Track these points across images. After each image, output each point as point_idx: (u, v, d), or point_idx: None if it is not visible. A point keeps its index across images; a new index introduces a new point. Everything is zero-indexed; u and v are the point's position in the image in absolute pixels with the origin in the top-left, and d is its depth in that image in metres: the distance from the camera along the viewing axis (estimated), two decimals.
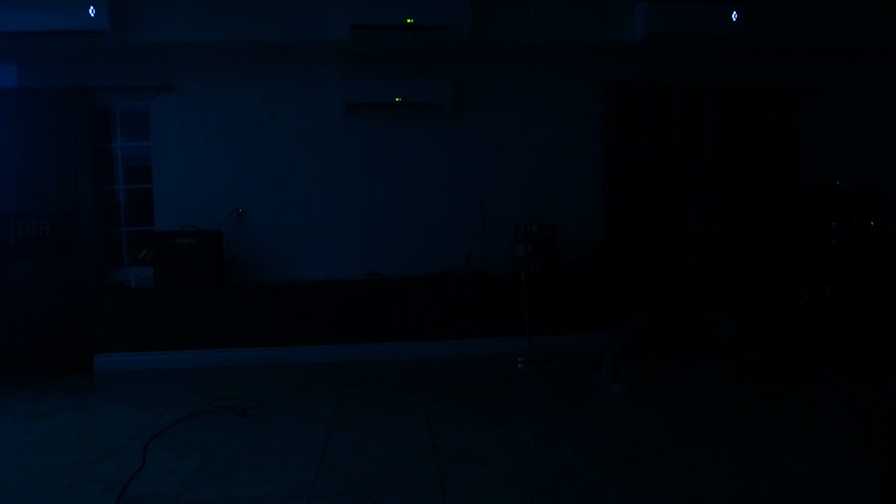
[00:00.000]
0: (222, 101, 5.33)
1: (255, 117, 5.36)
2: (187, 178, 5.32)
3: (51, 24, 4.42)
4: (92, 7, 4.41)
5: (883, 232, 5.20)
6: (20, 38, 4.52)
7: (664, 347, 4.99)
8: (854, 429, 3.11)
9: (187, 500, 2.44)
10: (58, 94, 5.02)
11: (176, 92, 5.28)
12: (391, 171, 5.48)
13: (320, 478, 2.64)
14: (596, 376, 4.14)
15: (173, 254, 4.87)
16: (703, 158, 5.48)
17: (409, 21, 4.65)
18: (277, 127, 5.38)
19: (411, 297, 5.07)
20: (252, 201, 5.36)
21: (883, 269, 5.18)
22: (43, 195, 5.03)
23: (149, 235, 5.28)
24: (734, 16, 4.80)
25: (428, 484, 2.55)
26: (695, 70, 5.55)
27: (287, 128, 5.39)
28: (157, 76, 5.24)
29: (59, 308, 4.92)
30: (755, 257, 5.44)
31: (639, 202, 5.45)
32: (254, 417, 3.52)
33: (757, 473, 2.58)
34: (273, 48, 5.03)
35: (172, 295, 4.89)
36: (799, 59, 5.55)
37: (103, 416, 3.63)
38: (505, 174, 5.54)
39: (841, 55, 5.50)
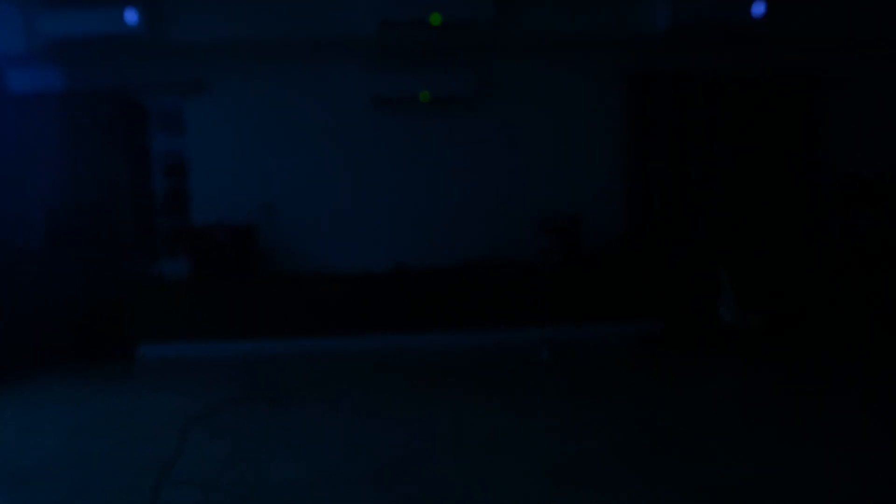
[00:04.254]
0: (254, 97, 5.46)
1: (285, 113, 5.48)
2: (221, 172, 5.47)
3: (92, 28, 4.76)
4: (130, 11, 4.65)
5: None
6: (65, 45, 4.86)
7: (688, 338, 4.97)
8: (877, 420, 3.09)
9: (223, 482, 2.57)
10: (98, 94, 5.22)
11: (209, 90, 5.42)
12: (417, 163, 5.55)
13: (347, 462, 2.74)
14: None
15: (209, 247, 5.05)
16: (726, 149, 5.44)
17: (435, 16, 4.71)
18: (307, 122, 5.49)
19: (437, 288, 5.14)
20: (283, 195, 5.49)
21: None
22: (84, 191, 5.25)
23: (185, 229, 5.46)
24: (760, 5, 4.74)
25: (452, 470, 2.63)
26: (718, 60, 5.46)
27: (316, 122, 5.49)
28: (192, 75, 5.39)
29: (99, 298, 5.13)
30: (779, 248, 5.38)
31: (662, 193, 5.44)
32: (285, 404, 3.65)
33: (780, 464, 2.59)
34: (303, 45, 5.15)
35: (207, 286, 5.06)
36: (822, 49, 5.43)
37: (143, 402, 3.80)
38: (530, 165, 5.56)
39: (863, 45, 5.39)
